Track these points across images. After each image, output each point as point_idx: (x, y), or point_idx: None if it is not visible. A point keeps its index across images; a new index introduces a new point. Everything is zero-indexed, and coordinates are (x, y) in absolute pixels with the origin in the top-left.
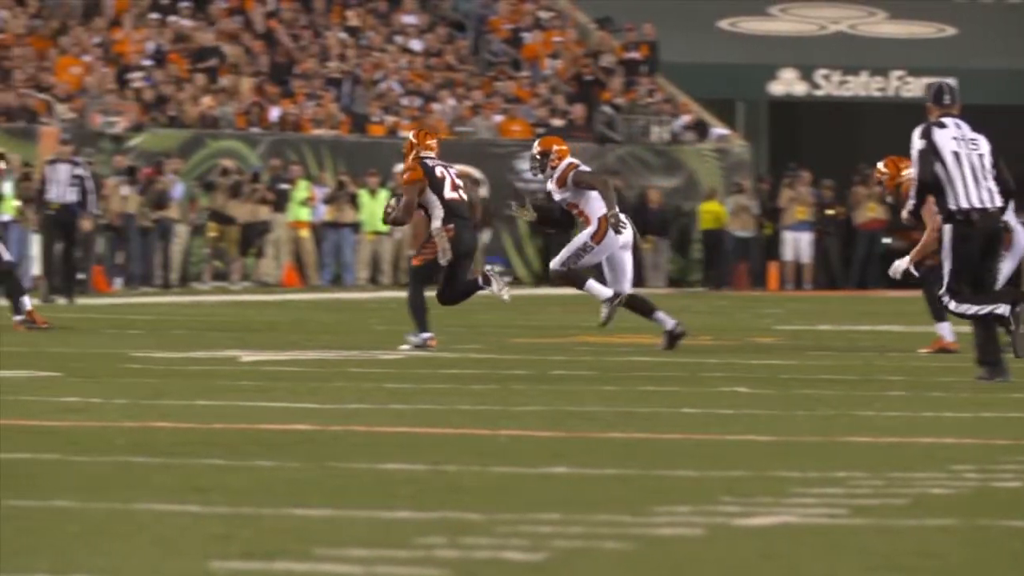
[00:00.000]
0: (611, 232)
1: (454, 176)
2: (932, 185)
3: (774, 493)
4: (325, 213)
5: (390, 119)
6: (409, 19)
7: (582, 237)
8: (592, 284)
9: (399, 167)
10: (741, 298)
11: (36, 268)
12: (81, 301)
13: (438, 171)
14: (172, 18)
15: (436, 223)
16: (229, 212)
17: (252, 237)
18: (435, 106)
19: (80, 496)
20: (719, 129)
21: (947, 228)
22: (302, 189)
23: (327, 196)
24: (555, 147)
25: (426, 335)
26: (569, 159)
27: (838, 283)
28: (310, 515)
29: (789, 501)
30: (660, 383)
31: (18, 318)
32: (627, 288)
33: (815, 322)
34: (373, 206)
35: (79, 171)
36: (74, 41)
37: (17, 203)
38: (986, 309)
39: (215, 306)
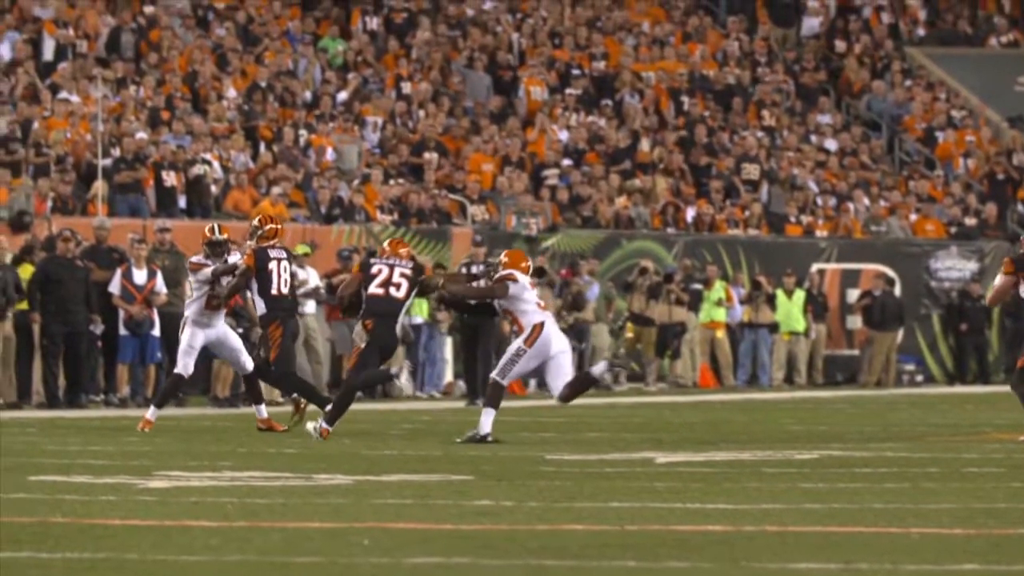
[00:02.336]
0: (545, 336)
1: (396, 275)
2: None
3: None
4: (742, 314)
5: (806, 219)
6: (824, 119)
7: (515, 343)
8: (488, 415)
9: (815, 267)
10: None
11: (448, 372)
12: None
13: (374, 268)
14: (591, 118)
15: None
16: (647, 313)
17: (668, 338)
18: (850, 205)
19: None
20: None
21: None
22: (718, 290)
23: (744, 297)
24: (505, 258)
25: (326, 426)
26: (508, 271)
27: None
28: None
29: None
30: None
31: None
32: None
33: None
34: (789, 307)
35: (493, 274)
36: (487, 140)
37: (431, 306)
38: None
39: (631, 407)
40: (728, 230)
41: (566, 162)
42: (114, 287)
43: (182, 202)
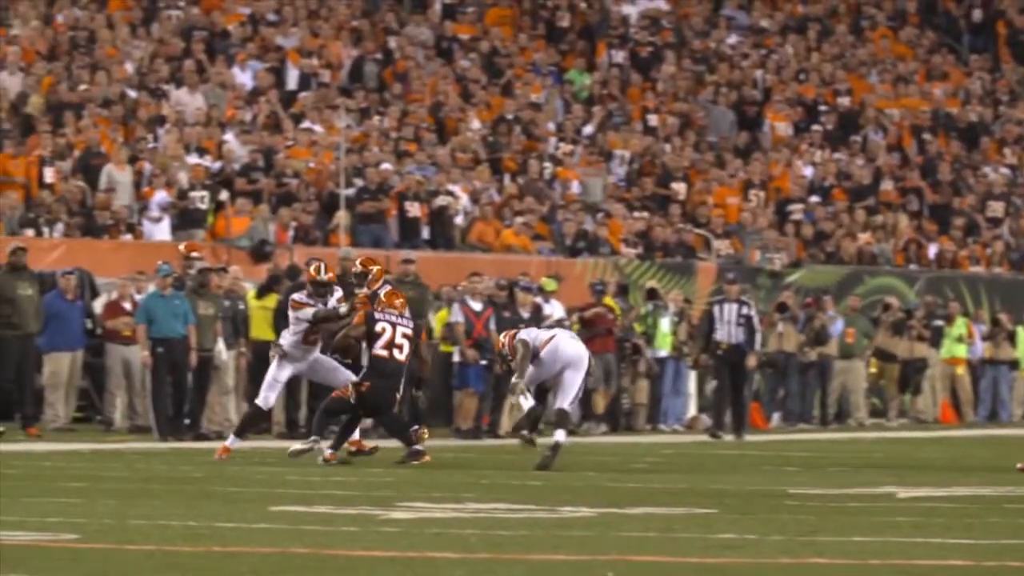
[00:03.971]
0: (554, 345)
1: (398, 335)
2: None
3: None
4: (983, 350)
5: None
6: None
7: None
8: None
9: None
10: None
11: (692, 406)
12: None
13: (379, 327)
14: (836, 154)
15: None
16: (891, 349)
17: (910, 374)
18: None
19: None
20: None
21: None
22: (959, 326)
23: (984, 333)
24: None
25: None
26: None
27: None
28: None
29: None
30: None
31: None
32: (565, 405)
33: None
34: None
35: (746, 310)
36: (732, 175)
37: (676, 339)
38: None
39: (872, 443)
40: (969, 267)
41: (813, 198)
42: None
43: (426, 233)
